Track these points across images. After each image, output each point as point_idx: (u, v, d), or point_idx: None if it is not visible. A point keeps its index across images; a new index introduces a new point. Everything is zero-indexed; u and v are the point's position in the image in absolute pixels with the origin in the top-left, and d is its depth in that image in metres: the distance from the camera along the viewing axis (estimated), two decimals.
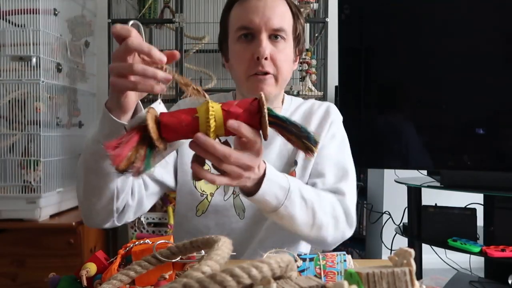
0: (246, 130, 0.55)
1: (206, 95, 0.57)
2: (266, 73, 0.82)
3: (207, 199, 0.91)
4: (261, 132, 0.57)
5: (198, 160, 0.58)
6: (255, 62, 0.82)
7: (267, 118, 0.54)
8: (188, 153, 0.88)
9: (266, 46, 0.81)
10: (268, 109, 0.55)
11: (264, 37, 0.81)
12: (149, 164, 0.53)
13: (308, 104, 0.99)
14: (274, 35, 0.83)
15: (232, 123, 0.54)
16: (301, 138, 0.56)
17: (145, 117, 0.53)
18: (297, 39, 0.89)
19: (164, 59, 0.57)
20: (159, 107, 0.61)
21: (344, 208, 0.83)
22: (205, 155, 0.56)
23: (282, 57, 0.84)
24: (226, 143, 0.58)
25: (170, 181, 0.91)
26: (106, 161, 0.65)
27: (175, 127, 0.54)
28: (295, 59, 0.92)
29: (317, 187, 0.86)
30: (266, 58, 0.81)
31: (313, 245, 0.89)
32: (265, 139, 0.57)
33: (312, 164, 0.90)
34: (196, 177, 0.58)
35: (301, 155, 0.91)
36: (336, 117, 0.97)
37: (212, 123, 0.54)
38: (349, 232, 0.85)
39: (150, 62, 0.58)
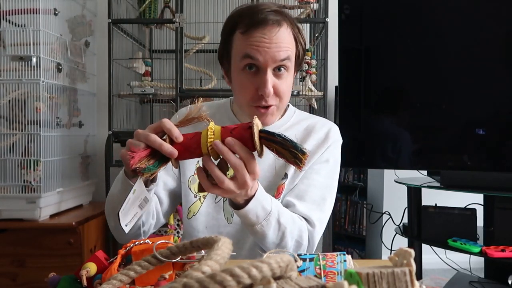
0: (239, 147, 0.63)
1: (210, 119, 0.67)
2: (269, 106, 0.85)
3: (200, 200, 0.95)
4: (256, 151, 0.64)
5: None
6: (258, 97, 0.84)
7: (256, 130, 0.62)
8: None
9: (271, 83, 0.82)
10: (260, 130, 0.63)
11: (269, 74, 0.82)
12: (152, 169, 0.65)
13: (311, 121, 0.99)
14: (278, 67, 0.84)
15: (229, 140, 0.62)
16: (289, 149, 0.61)
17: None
18: (299, 62, 0.90)
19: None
20: None
21: (310, 238, 0.88)
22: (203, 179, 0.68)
23: (284, 87, 0.85)
24: (223, 160, 0.66)
25: (174, 185, 0.97)
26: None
27: (182, 140, 0.66)
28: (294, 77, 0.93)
29: (293, 209, 0.88)
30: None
31: None
32: (259, 155, 0.64)
33: (299, 179, 0.93)
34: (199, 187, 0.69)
35: (291, 169, 0.93)
36: (335, 140, 0.97)
37: (211, 135, 0.64)
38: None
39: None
